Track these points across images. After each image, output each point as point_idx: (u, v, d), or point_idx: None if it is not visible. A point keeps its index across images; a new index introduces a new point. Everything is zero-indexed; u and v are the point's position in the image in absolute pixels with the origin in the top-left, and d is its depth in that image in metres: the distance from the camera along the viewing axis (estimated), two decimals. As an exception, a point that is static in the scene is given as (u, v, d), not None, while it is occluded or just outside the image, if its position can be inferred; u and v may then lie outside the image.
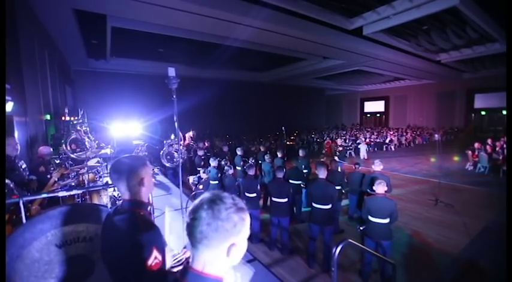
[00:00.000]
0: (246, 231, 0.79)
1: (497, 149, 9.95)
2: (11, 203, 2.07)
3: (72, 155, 4.16)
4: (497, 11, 8.69)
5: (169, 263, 1.25)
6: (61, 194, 2.40)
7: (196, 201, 0.78)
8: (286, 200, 4.20)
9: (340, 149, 12.47)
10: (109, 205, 3.47)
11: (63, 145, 4.31)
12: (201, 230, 0.72)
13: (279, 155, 6.60)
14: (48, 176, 3.45)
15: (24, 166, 3.15)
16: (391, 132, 18.50)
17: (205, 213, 0.73)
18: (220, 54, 12.76)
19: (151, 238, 1.08)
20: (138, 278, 1.05)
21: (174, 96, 3.37)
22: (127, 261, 1.08)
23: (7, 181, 2.34)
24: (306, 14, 8.46)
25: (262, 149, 9.05)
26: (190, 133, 10.03)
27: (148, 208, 1.31)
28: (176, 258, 1.30)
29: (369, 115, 28.85)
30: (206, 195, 0.79)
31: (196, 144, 9.36)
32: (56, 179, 3.19)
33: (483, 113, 20.28)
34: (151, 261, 1.04)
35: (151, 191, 1.33)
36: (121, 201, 1.26)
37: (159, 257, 1.06)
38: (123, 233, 1.10)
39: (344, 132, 20.30)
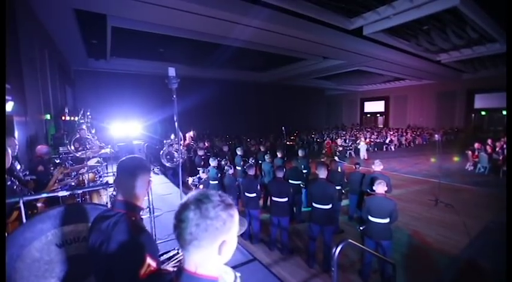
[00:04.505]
0: (235, 227, 0.77)
1: (497, 149, 9.95)
2: (14, 202, 2.06)
3: (77, 154, 4.20)
4: (497, 11, 8.69)
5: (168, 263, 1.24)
6: (61, 193, 2.40)
7: (182, 201, 0.75)
8: (286, 199, 4.20)
9: (340, 149, 12.51)
10: (109, 205, 3.47)
11: (68, 145, 4.35)
12: (190, 232, 0.70)
13: (279, 155, 6.60)
14: (50, 176, 3.45)
15: (19, 167, 3.15)
16: (391, 132, 18.51)
17: (192, 214, 0.71)
18: (220, 54, 12.76)
19: (143, 246, 1.04)
20: None
21: (174, 96, 3.39)
22: (118, 270, 1.03)
23: (13, 181, 2.34)
24: (306, 14, 8.47)
25: (262, 149, 9.05)
26: (191, 133, 10.02)
27: (141, 212, 1.27)
28: (176, 258, 1.31)
29: (369, 115, 28.83)
30: (191, 195, 0.76)
31: (196, 144, 9.35)
32: (57, 179, 3.18)
33: (483, 113, 20.25)
34: (144, 270, 1.00)
35: (146, 196, 1.32)
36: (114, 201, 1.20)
37: (153, 264, 1.03)
38: (114, 239, 1.04)
39: (344, 132, 20.30)
